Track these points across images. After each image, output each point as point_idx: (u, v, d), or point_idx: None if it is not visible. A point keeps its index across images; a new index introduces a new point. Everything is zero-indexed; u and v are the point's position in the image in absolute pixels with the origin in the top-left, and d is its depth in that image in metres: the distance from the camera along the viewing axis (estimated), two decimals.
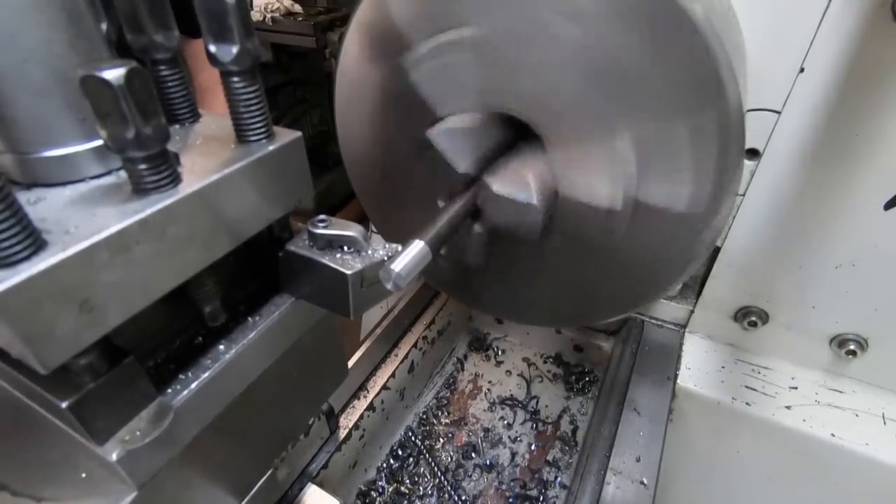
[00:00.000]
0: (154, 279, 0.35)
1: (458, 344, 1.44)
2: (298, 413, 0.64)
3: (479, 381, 1.35)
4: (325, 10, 2.66)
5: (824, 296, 0.96)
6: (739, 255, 1.00)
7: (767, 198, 0.91)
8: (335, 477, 0.99)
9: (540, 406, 1.28)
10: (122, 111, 0.30)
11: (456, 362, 1.39)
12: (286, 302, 0.49)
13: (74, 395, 0.34)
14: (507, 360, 1.41)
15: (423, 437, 1.20)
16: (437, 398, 1.30)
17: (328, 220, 0.47)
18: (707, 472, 1.18)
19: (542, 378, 1.35)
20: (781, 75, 0.80)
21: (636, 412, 0.97)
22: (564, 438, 1.20)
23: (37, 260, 0.29)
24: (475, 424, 1.24)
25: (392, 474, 1.12)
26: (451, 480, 1.11)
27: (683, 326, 1.16)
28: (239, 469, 0.55)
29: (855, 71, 0.75)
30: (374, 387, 1.09)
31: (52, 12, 0.33)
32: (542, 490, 1.10)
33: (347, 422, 1.02)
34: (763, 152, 0.87)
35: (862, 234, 0.87)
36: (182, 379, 0.42)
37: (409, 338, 1.21)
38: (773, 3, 0.76)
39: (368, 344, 1.11)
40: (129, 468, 0.37)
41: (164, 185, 0.35)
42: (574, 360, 1.38)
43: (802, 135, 0.83)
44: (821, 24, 0.74)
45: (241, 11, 0.36)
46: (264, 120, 0.41)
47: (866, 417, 0.99)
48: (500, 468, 1.14)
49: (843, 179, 0.84)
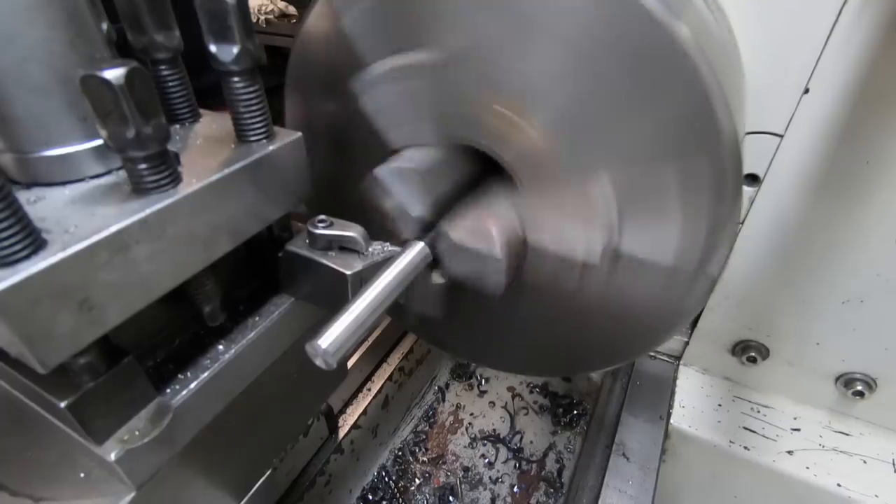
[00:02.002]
0: (153, 279, 0.35)
1: (440, 372, 1.37)
2: (297, 413, 0.64)
3: (460, 413, 1.29)
4: None
5: (830, 332, 0.90)
6: (738, 286, 0.93)
7: (768, 226, 0.84)
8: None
9: (524, 442, 1.21)
10: (123, 111, 0.30)
11: (437, 391, 1.32)
12: (286, 302, 0.49)
13: (73, 394, 0.34)
14: (491, 389, 1.34)
15: (398, 477, 1.13)
16: (416, 432, 1.23)
17: (328, 221, 0.47)
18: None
19: (528, 410, 1.29)
20: (784, 96, 0.73)
21: (625, 458, 0.91)
22: (549, 479, 1.13)
23: (36, 259, 0.28)
24: (454, 463, 1.17)
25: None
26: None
27: (678, 358, 1.09)
28: (238, 469, 0.55)
29: (865, 92, 0.68)
30: (344, 426, 1.00)
31: (52, 12, 0.33)
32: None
33: (313, 468, 0.93)
34: (763, 178, 0.81)
35: (872, 268, 0.81)
36: (181, 379, 0.42)
37: (383, 369, 1.12)
38: (775, 19, 0.69)
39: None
40: (128, 468, 0.37)
41: (163, 184, 0.35)
42: (562, 390, 1.32)
43: (806, 160, 0.77)
44: (828, 41, 0.67)
45: (242, 12, 0.36)
46: (264, 120, 0.41)
47: (875, 464, 0.91)
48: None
49: (851, 209, 0.77)
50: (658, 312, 0.60)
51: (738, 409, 1.00)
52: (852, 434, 0.96)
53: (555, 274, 0.61)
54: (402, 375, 1.18)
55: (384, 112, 0.60)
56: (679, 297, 0.57)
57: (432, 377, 1.35)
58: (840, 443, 0.95)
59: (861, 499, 0.88)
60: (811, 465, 0.92)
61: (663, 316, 0.60)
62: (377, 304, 0.45)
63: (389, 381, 1.12)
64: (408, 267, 0.51)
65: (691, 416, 0.99)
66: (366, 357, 1.07)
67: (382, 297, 0.46)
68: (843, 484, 0.89)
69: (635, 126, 0.49)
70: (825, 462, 0.92)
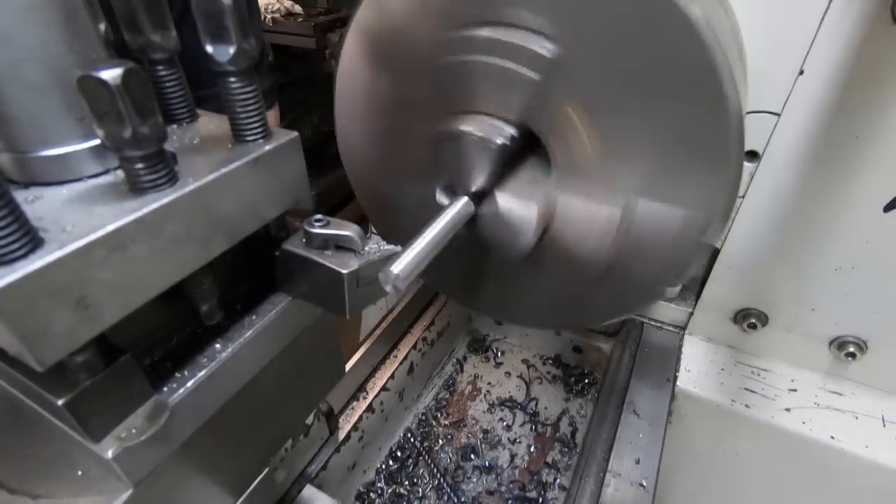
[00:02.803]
0: (150, 277, 0.35)
1: (458, 345, 1.45)
2: (295, 412, 0.64)
3: (478, 382, 1.35)
4: (326, 11, 2.67)
5: (824, 298, 0.96)
6: (739, 257, 1.00)
7: (767, 200, 0.91)
8: (334, 478, 1.00)
9: (539, 408, 1.28)
10: (119, 111, 0.30)
11: (455, 364, 1.39)
12: (283, 301, 0.50)
13: (71, 392, 0.34)
14: (507, 361, 1.41)
15: (422, 438, 1.20)
16: (437, 399, 1.30)
17: (325, 220, 0.47)
18: (706, 474, 1.17)
19: (542, 380, 1.35)
20: (781, 77, 0.80)
21: (635, 414, 0.97)
22: (564, 440, 1.20)
23: (33, 258, 0.29)
24: (474, 426, 1.24)
25: (391, 476, 1.12)
26: (450, 482, 1.11)
27: (683, 328, 1.16)
28: (235, 468, 0.55)
29: (854, 73, 0.75)
30: (374, 388, 1.09)
31: (50, 12, 0.33)
32: (542, 492, 1.09)
33: (346, 423, 1.02)
34: (763, 154, 0.87)
35: (861, 237, 0.87)
36: (178, 377, 0.42)
37: (408, 339, 1.22)
38: (772, 6, 0.76)
39: (368, 345, 1.11)
40: (125, 466, 0.38)
41: (161, 184, 0.35)
42: (573, 361, 1.38)
43: (802, 137, 0.83)
44: (820, 27, 0.74)
45: (239, 12, 0.36)
46: (261, 120, 0.42)
47: (866, 420, 0.99)
48: (500, 470, 1.14)
49: (842, 181, 0.83)
50: (666, 263, 0.66)
51: (739, 373, 1.08)
52: (845, 394, 1.03)
53: (575, 236, 0.69)
54: (425, 345, 1.26)
55: (480, 77, 0.63)
56: (686, 249, 0.64)
57: (451, 350, 1.42)
58: (834, 401, 1.02)
59: (853, 450, 0.95)
60: (807, 421, 0.99)
61: (671, 266, 0.67)
62: (434, 243, 0.56)
63: (413, 350, 1.20)
64: (457, 216, 0.63)
65: (696, 379, 1.06)
66: (392, 326, 1.18)
67: (438, 237, 0.57)
68: (836, 436, 0.96)
69: (658, 113, 0.55)
70: (820, 418, 0.99)
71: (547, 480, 1.12)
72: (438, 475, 1.12)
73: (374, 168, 0.83)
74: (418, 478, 1.13)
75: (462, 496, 1.09)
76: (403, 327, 1.23)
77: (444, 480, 1.11)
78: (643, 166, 0.60)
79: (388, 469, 1.14)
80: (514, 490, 1.10)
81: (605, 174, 0.63)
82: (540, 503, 1.08)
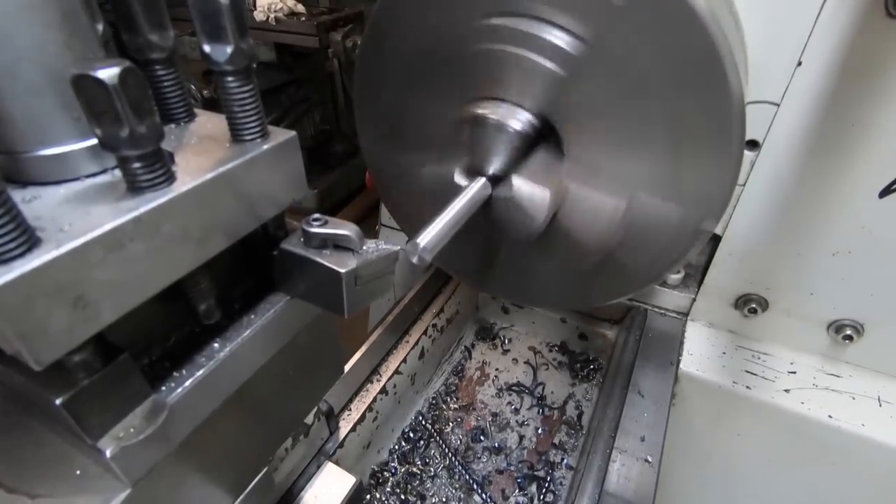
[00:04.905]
0: (148, 277, 0.35)
1: (466, 333, 1.47)
2: (294, 411, 0.64)
3: (486, 368, 1.38)
4: (328, 11, 2.68)
5: (822, 282, 0.98)
6: (740, 244, 1.02)
7: (767, 188, 0.93)
8: (350, 456, 1.03)
9: (546, 392, 1.31)
10: (116, 110, 0.30)
11: (463, 350, 1.42)
12: (281, 300, 0.50)
13: (69, 391, 0.34)
14: (514, 348, 1.43)
15: (434, 420, 1.23)
16: (446, 384, 1.33)
17: (323, 219, 0.47)
18: (708, 453, 1.19)
19: (548, 366, 1.38)
20: (780, 69, 0.82)
21: (640, 395, 0.99)
22: (570, 423, 1.22)
23: (31, 257, 0.29)
24: (483, 409, 1.27)
25: (404, 456, 1.15)
26: (461, 462, 1.13)
27: (685, 314, 1.18)
28: (234, 467, 0.55)
29: (850, 64, 0.77)
30: (387, 371, 1.13)
31: (47, 12, 0.33)
32: (550, 471, 1.12)
33: (361, 404, 1.05)
34: (762, 143, 0.89)
35: (858, 222, 0.89)
36: (176, 376, 0.42)
37: (419, 325, 1.25)
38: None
39: (380, 331, 1.14)
40: (124, 465, 0.38)
41: (158, 183, 0.35)
42: (579, 348, 1.40)
43: (800, 126, 0.85)
44: (818, 20, 0.77)
45: (236, 12, 0.36)
46: (259, 119, 0.42)
47: (862, 400, 1.01)
48: (509, 451, 1.17)
49: (839, 169, 0.85)
50: (669, 246, 0.70)
51: (740, 356, 1.10)
52: (842, 376, 1.06)
53: (582, 223, 0.72)
54: (435, 331, 1.30)
55: (508, 67, 0.66)
56: (689, 233, 0.67)
57: (459, 337, 1.46)
58: (831, 383, 1.04)
59: (850, 428, 0.97)
60: (805, 401, 1.01)
61: (673, 248, 0.70)
62: (456, 218, 0.61)
63: (424, 336, 1.24)
64: (476, 195, 0.66)
65: (699, 362, 1.09)
66: (403, 313, 1.22)
67: (459, 214, 0.61)
68: (833, 416, 0.99)
69: (665, 104, 0.57)
70: (818, 398, 1.02)
71: (554, 460, 1.15)
72: (450, 455, 1.14)
73: (392, 148, 0.85)
74: (430, 458, 1.16)
75: (473, 475, 1.11)
76: (414, 314, 1.27)
77: (455, 460, 1.13)
78: (651, 155, 0.62)
79: (400, 449, 1.17)
80: (522, 469, 1.13)
81: (614, 164, 0.65)
82: (548, 481, 1.10)
